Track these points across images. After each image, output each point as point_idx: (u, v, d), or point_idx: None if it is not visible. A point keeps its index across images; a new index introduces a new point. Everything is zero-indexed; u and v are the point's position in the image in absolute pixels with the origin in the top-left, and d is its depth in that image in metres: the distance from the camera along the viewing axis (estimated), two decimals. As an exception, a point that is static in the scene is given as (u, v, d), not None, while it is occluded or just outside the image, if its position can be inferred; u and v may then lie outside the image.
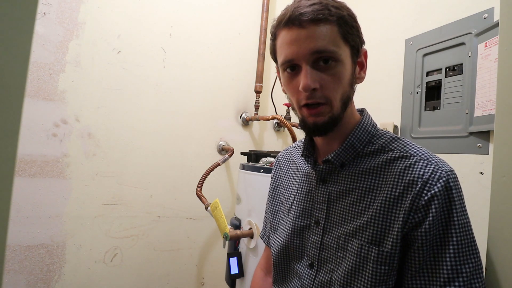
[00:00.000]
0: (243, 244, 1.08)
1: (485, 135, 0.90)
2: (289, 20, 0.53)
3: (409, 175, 0.52)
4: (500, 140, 0.51)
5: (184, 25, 1.45)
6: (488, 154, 0.90)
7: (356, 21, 0.56)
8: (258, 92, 1.55)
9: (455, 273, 0.47)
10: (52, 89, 1.19)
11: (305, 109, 0.55)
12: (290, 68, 0.55)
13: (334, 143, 0.60)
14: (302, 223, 0.64)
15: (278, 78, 0.65)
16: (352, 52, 0.55)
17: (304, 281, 0.61)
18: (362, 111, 0.63)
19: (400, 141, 0.57)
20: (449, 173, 0.51)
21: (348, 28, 0.54)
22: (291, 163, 0.75)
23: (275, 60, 0.61)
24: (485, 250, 0.54)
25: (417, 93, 1.13)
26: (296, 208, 0.66)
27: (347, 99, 0.56)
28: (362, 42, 0.58)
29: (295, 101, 0.57)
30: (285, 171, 0.75)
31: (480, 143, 0.91)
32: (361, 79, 0.59)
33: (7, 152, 0.25)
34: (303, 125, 0.58)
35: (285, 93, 0.61)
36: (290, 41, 0.53)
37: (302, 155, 0.67)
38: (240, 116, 1.60)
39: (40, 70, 1.17)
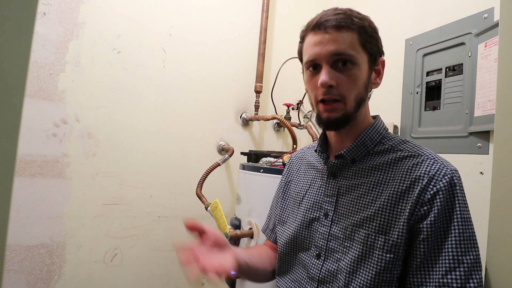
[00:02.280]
0: (243, 244, 1.08)
1: (485, 135, 0.90)
2: (316, 25, 0.60)
3: (416, 171, 0.56)
4: (500, 140, 0.52)
5: (184, 25, 1.45)
6: (488, 154, 0.90)
7: (376, 33, 0.63)
8: (258, 92, 1.55)
9: (456, 263, 0.50)
10: (52, 89, 1.19)
11: (321, 105, 0.61)
12: (312, 67, 0.62)
13: (347, 141, 0.65)
14: (311, 216, 0.68)
15: (302, 77, 0.72)
16: (369, 59, 0.62)
17: (311, 271, 0.64)
18: (375, 117, 0.69)
19: (409, 143, 0.62)
20: (453, 171, 0.55)
21: (367, 37, 0.60)
22: (304, 161, 0.80)
23: (301, 60, 0.68)
24: (485, 250, 0.54)
25: (417, 93, 1.13)
26: (307, 201, 0.70)
27: (361, 100, 0.62)
28: (380, 52, 0.65)
29: (314, 97, 0.63)
30: (297, 168, 0.80)
31: (480, 143, 0.91)
32: (376, 84, 0.66)
33: (7, 152, 0.25)
34: (318, 120, 0.64)
35: (307, 92, 0.68)
36: (314, 43, 0.60)
37: (315, 151, 0.72)
38: (240, 116, 1.59)
39: (40, 70, 1.17)
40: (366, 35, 0.60)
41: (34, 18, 0.26)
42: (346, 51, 0.58)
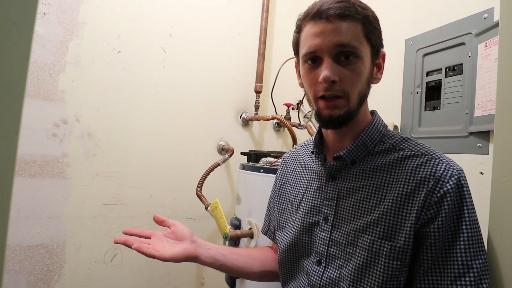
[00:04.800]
0: (243, 244, 1.08)
1: (485, 135, 0.90)
2: (317, 14, 0.54)
3: (421, 172, 0.53)
4: (500, 140, 0.51)
5: (184, 25, 1.45)
6: (488, 154, 0.90)
7: (378, 24, 0.58)
8: (258, 92, 1.55)
9: (465, 268, 0.48)
10: (52, 89, 1.19)
11: (321, 101, 0.56)
12: (311, 60, 0.56)
13: (346, 141, 0.61)
14: (311, 220, 0.64)
15: (296, 72, 0.67)
16: (372, 52, 0.57)
17: (312, 278, 0.61)
18: (373, 112, 0.65)
19: (411, 141, 0.59)
20: (460, 171, 0.52)
21: (371, 28, 0.56)
22: (298, 161, 0.75)
23: (296, 52, 0.63)
24: (485, 250, 0.54)
25: (417, 93, 1.13)
26: (305, 205, 0.66)
27: (363, 96, 0.58)
28: (382, 44, 0.60)
29: (312, 93, 0.58)
30: (292, 169, 0.76)
31: (480, 143, 0.91)
32: (377, 79, 0.61)
33: (7, 152, 0.25)
34: (318, 117, 0.59)
35: (302, 87, 0.63)
36: (315, 33, 0.55)
37: (312, 152, 0.68)
38: (240, 116, 1.59)
39: (40, 70, 1.17)
40: (370, 26, 0.55)
41: (34, 18, 0.26)
42: (350, 43, 0.53)
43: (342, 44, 0.53)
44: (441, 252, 0.50)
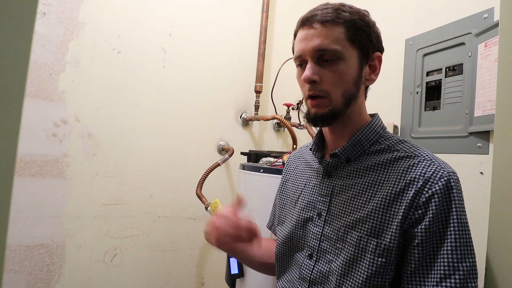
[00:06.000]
0: (243, 244, 1.08)
1: (485, 135, 0.90)
2: (303, 21, 0.60)
3: (411, 173, 0.54)
4: (500, 140, 0.52)
5: (184, 25, 1.45)
6: (488, 154, 0.90)
7: (368, 27, 0.60)
8: (258, 92, 1.55)
9: (451, 270, 0.48)
10: (52, 89, 1.19)
11: (309, 100, 0.60)
12: (301, 63, 0.62)
13: (342, 140, 0.64)
14: (306, 215, 0.66)
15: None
16: (360, 54, 0.59)
17: (303, 271, 0.63)
18: (373, 115, 0.67)
19: (407, 143, 0.60)
20: (450, 173, 0.52)
21: (356, 31, 0.58)
22: (302, 160, 0.78)
23: None
24: (485, 250, 0.54)
25: (417, 93, 1.13)
26: (303, 201, 0.69)
27: (351, 97, 0.60)
28: (375, 47, 0.61)
29: (303, 93, 0.62)
30: (295, 167, 0.79)
31: (480, 143, 0.91)
32: (371, 81, 0.63)
33: (7, 152, 0.25)
34: (307, 116, 0.62)
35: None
36: (301, 39, 0.60)
37: (310, 149, 0.71)
38: (240, 116, 1.59)
39: (40, 70, 1.17)
40: (354, 29, 0.57)
41: (34, 18, 0.26)
42: (329, 46, 0.56)
43: (321, 48, 0.57)
44: (428, 253, 0.50)
